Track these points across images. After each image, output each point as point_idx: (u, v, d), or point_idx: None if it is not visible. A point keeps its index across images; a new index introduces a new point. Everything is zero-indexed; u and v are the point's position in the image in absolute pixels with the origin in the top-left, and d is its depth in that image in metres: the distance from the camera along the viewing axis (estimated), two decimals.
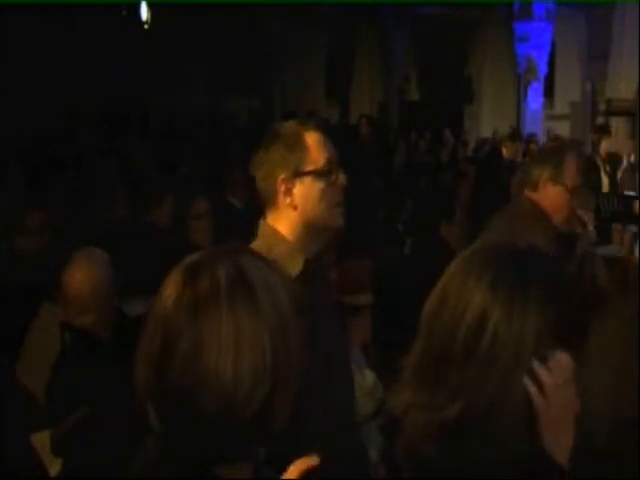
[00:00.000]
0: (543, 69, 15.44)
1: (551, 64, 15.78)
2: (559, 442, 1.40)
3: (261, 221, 2.21)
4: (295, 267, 2.12)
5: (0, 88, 12.18)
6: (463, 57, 19.07)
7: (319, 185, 2.15)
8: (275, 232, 2.16)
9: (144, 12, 14.86)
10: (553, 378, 1.37)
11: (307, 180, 2.13)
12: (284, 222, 2.16)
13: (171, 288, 1.18)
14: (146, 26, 14.88)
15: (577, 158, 3.23)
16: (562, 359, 1.38)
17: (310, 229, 2.16)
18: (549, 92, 16.38)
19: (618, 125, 12.81)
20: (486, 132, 16.32)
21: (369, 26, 19.27)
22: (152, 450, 1.24)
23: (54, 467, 2.73)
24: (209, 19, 16.25)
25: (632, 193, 8.71)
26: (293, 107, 16.99)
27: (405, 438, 1.46)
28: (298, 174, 2.12)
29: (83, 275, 2.90)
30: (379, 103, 19.42)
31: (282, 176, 2.12)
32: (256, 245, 2.17)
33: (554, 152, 3.29)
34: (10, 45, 13.32)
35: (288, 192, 2.13)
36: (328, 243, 2.29)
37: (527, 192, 3.24)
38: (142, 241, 5.24)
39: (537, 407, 1.37)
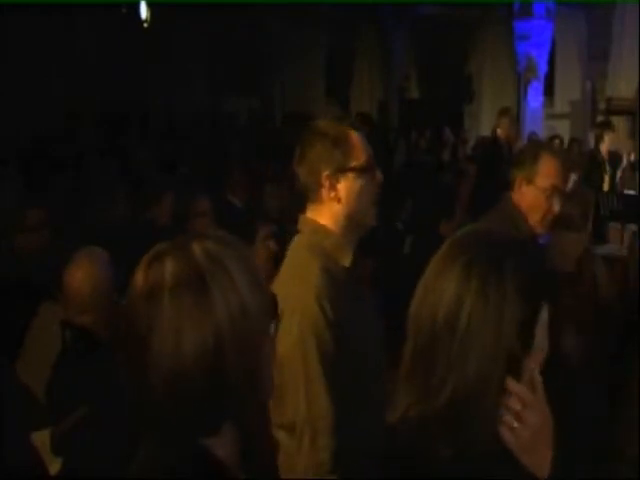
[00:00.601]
0: (543, 68, 15.41)
1: (551, 63, 15.76)
2: (537, 459, 1.38)
3: (302, 217, 2.28)
4: (346, 259, 2.22)
5: (0, 88, 12.16)
6: (463, 56, 19.06)
7: (361, 181, 2.23)
8: (321, 226, 2.22)
9: (143, 11, 14.87)
10: (511, 411, 1.36)
11: (350, 176, 2.21)
12: (327, 216, 2.23)
13: (136, 276, 1.26)
14: (145, 24, 14.87)
15: (555, 158, 3.19)
16: (515, 389, 1.36)
17: (351, 223, 2.24)
18: (549, 91, 16.36)
19: (618, 124, 12.78)
20: (486, 131, 16.30)
21: (369, 25, 19.26)
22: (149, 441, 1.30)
23: (54, 466, 2.73)
24: (209, 19, 16.23)
25: (632, 192, 8.71)
26: (293, 107, 17.00)
27: (403, 437, 1.45)
28: (343, 170, 2.20)
29: (83, 274, 2.88)
30: (379, 102, 19.41)
31: (327, 171, 2.19)
32: (302, 240, 2.24)
33: (529, 152, 3.28)
34: (10, 45, 13.30)
35: (332, 187, 2.20)
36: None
37: (509, 192, 3.24)
38: (142, 239, 5.25)
39: (505, 439, 1.36)
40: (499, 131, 8.74)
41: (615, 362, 3.28)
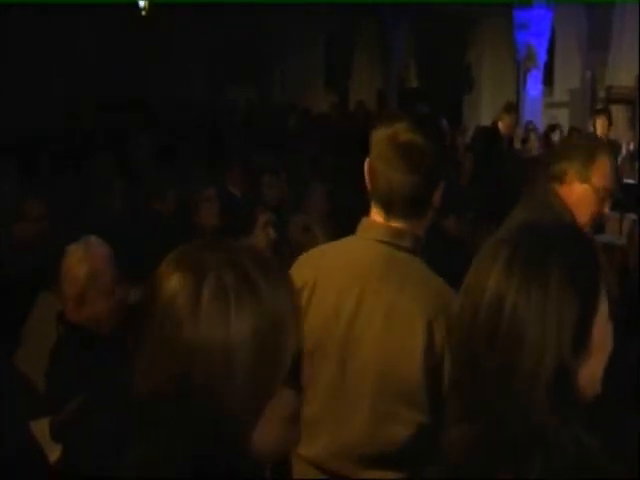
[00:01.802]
0: (543, 57, 15.38)
1: (551, 52, 15.73)
2: None
3: (395, 227, 2.05)
4: None
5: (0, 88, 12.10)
6: (462, 45, 19.00)
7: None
8: (420, 240, 2.09)
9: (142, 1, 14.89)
10: None
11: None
12: (420, 227, 2.10)
13: (174, 283, 1.17)
14: (144, 12, 14.85)
15: (610, 159, 3.14)
16: None
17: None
18: (549, 80, 16.33)
19: (618, 113, 12.75)
20: (485, 120, 16.27)
21: (369, 16, 19.20)
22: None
23: (54, 454, 2.72)
24: (209, 10, 16.17)
25: (631, 181, 8.70)
26: (292, 97, 16.97)
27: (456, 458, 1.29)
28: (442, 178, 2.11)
29: (80, 267, 2.81)
30: (378, 91, 19.37)
31: (441, 180, 2.08)
32: (420, 262, 2.06)
33: (586, 148, 3.19)
34: (10, 45, 13.25)
35: (437, 197, 2.08)
36: None
37: (554, 185, 3.15)
38: (142, 228, 5.36)
39: None
40: (500, 125, 8.72)
41: (615, 351, 3.27)
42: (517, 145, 10.84)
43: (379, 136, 2.05)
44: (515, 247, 1.26)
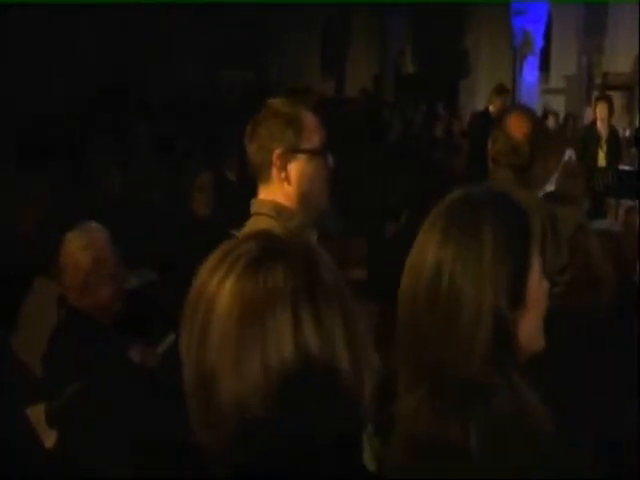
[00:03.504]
0: (539, 43, 15.35)
1: (547, 38, 15.69)
2: None
3: (257, 200, 2.19)
4: (313, 241, 2.11)
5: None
6: (459, 30, 18.94)
7: (312, 164, 2.16)
8: (285, 207, 2.14)
9: None
10: None
11: (302, 158, 2.14)
12: (281, 197, 2.15)
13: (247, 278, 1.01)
14: None
15: None
16: None
17: (304, 205, 2.16)
18: (545, 66, 16.30)
19: (614, 99, 12.73)
20: (481, 106, 16.23)
21: (366, 1, 19.13)
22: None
23: (50, 439, 2.73)
24: (209, 7, 16.07)
25: (627, 167, 8.71)
26: (289, 81, 16.91)
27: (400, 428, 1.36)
28: (294, 150, 2.12)
29: (83, 255, 2.78)
30: (374, 77, 19.33)
31: (278, 150, 2.11)
32: (271, 223, 2.09)
33: None
34: (10, 45, 13.15)
35: (283, 167, 2.12)
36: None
37: None
38: (138, 215, 5.37)
39: None
40: (491, 108, 8.71)
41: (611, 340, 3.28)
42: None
43: None
44: (449, 218, 1.34)
